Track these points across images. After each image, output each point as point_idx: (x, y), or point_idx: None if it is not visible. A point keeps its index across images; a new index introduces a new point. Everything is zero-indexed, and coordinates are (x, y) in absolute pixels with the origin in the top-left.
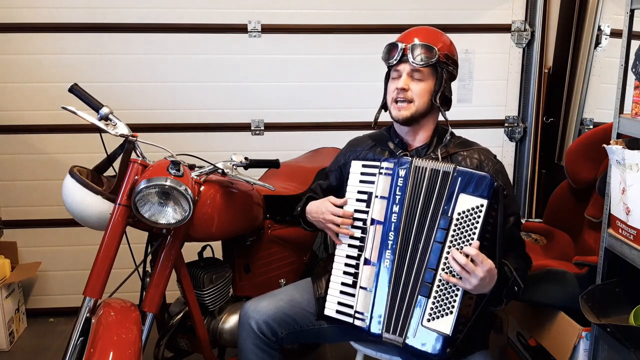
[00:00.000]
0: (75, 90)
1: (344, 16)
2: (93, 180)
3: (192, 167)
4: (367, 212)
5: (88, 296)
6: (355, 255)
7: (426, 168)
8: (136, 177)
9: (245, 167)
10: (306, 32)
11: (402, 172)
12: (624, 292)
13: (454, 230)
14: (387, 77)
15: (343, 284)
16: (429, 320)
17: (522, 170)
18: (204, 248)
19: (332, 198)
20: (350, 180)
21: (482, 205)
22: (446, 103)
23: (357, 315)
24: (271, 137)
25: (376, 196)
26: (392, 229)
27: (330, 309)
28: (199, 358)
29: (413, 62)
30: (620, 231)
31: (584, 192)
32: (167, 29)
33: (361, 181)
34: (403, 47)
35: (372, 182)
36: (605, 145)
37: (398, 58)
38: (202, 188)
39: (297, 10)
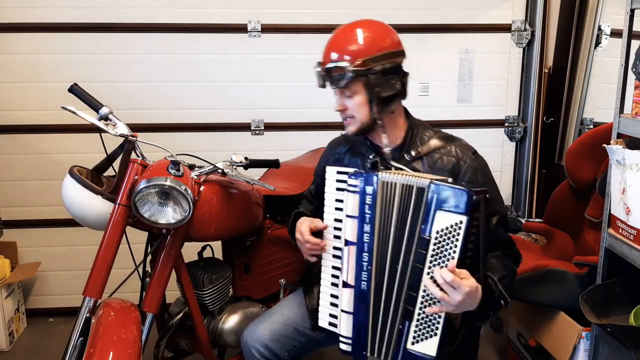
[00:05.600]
0: (75, 90)
1: (344, 16)
2: (93, 181)
3: (192, 167)
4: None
5: (88, 296)
6: (339, 265)
7: (396, 183)
8: (136, 177)
9: (245, 167)
10: (306, 32)
11: (369, 189)
12: (624, 292)
13: (434, 251)
14: None
15: (332, 295)
16: (413, 344)
17: (522, 170)
18: (204, 248)
19: (314, 222)
20: (327, 187)
21: (461, 222)
22: (386, 104)
23: (341, 339)
24: (271, 137)
25: (347, 215)
26: (366, 249)
27: (323, 320)
28: (199, 358)
29: (332, 87)
30: (620, 231)
31: (584, 192)
32: (167, 28)
33: (338, 189)
34: (321, 72)
35: (350, 191)
36: (605, 145)
37: (322, 83)
38: (202, 188)
39: (297, 10)
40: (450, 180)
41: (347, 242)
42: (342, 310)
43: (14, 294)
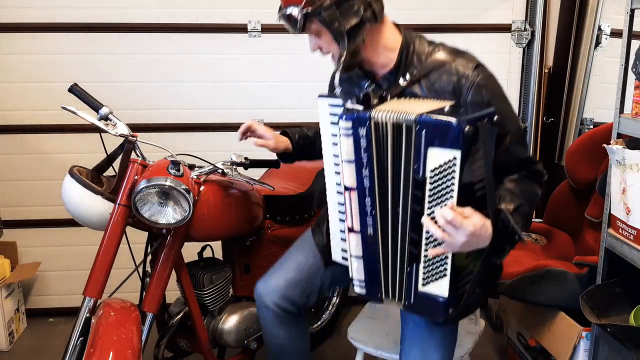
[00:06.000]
0: (75, 90)
1: None
2: (93, 181)
3: (192, 167)
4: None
5: (88, 296)
6: (342, 201)
7: (387, 122)
8: (136, 177)
9: (245, 167)
10: (306, 32)
11: (362, 131)
12: (624, 292)
13: (431, 191)
14: None
15: (342, 231)
16: (424, 285)
17: None
18: (203, 248)
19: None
20: (321, 121)
21: (454, 158)
22: (354, 34)
23: (354, 282)
24: None
25: (343, 160)
26: (367, 194)
27: (336, 254)
28: (199, 358)
29: (294, 33)
30: (620, 231)
31: (584, 192)
32: (167, 28)
33: (332, 123)
34: (279, 20)
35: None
36: (605, 145)
37: (290, 29)
38: (202, 188)
39: None
40: (447, 107)
41: (346, 188)
42: (352, 255)
43: (14, 294)
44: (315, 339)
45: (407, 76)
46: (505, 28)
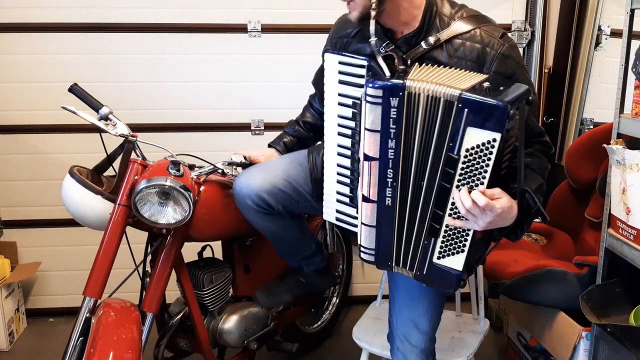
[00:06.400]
0: (75, 90)
1: None
2: (93, 181)
3: (192, 167)
4: (350, 120)
5: (88, 296)
6: (344, 164)
7: (420, 95)
8: (136, 177)
9: (245, 167)
10: (306, 32)
11: (394, 102)
12: (624, 292)
13: (462, 169)
14: None
15: (339, 193)
16: (439, 258)
17: None
18: (204, 248)
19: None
20: (327, 78)
21: (494, 140)
22: None
23: (363, 249)
24: (271, 137)
25: (366, 129)
26: (391, 165)
27: (328, 215)
28: (199, 358)
29: None
30: (620, 231)
31: (584, 192)
32: (167, 28)
33: (341, 82)
34: None
35: (355, 85)
36: (605, 145)
37: None
38: (202, 188)
39: (297, 10)
40: (486, 83)
41: (367, 157)
42: (363, 223)
43: (14, 294)
44: (315, 339)
45: (430, 40)
46: (505, 28)
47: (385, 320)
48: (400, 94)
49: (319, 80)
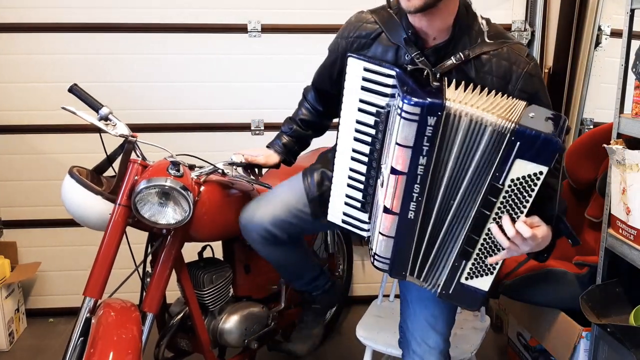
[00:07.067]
0: (75, 90)
1: (345, 16)
2: (93, 181)
3: (192, 167)
4: (371, 127)
5: (88, 296)
6: (358, 169)
7: (461, 118)
8: (136, 177)
9: (245, 167)
10: (306, 32)
11: (431, 121)
12: (624, 292)
13: (504, 198)
14: None
15: (348, 196)
16: (467, 279)
17: None
18: (204, 248)
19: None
20: (348, 83)
21: (541, 173)
22: None
23: (377, 257)
24: (271, 137)
25: (397, 143)
26: (419, 181)
27: (334, 216)
28: (199, 358)
29: None
30: (620, 231)
31: (584, 192)
32: (167, 28)
33: (363, 88)
34: None
35: (379, 94)
36: (605, 145)
37: None
38: (202, 188)
39: (297, 10)
40: (532, 113)
41: (394, 171)
42: (381, 233)
43: (14, 294)
44: None
45: (460, 54)
46: (505, 28)
47: (387, 317)
48: (439, 113)
49: (322, 77)
